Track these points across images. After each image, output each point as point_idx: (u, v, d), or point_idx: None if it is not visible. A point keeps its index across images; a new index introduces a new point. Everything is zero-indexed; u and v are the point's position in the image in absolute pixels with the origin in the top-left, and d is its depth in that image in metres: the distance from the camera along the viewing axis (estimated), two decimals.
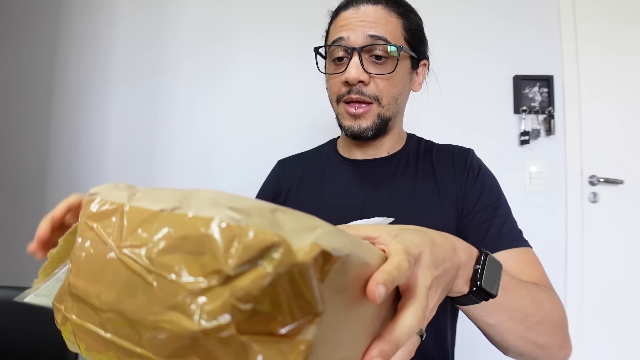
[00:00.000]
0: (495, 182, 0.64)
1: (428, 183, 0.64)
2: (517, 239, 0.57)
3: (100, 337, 0.19)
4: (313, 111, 1.37)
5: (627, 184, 1.36)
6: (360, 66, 0.58)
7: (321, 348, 0.17)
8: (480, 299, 0.36)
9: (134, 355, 0.17)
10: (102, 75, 1.41)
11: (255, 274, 0.15)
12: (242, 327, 0.15)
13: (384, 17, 0.59)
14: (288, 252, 0.15)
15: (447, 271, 0.31)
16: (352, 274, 0.19)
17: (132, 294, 0.17)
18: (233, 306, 0.15)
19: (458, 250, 0.34)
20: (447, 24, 1.40)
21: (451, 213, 0.62)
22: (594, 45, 1.39)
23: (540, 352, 0.45)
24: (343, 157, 0.72)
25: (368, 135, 0.62)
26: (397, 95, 0.62)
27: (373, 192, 0.66)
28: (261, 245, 0.15)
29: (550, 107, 1.37)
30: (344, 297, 0.19)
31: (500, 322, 0.41)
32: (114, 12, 1.42)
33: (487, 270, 0.35)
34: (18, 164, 1.40)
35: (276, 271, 0.15)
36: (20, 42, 1.42)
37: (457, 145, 0.69)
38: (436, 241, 0.31)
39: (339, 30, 0.61)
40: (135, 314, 0.17)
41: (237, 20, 1.42)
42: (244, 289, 0.15)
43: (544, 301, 0.45)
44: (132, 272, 0.18)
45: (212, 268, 0.16)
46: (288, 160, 0.78)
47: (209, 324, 0.15)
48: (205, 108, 1.40)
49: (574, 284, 1.34)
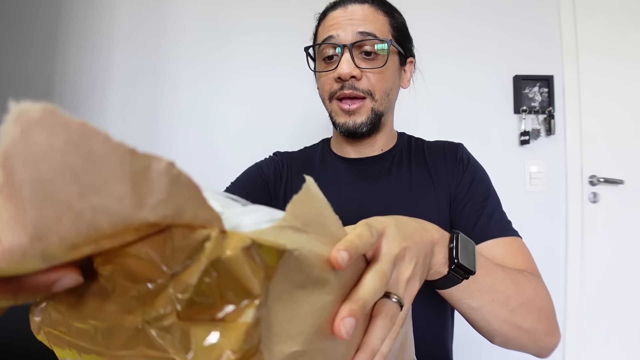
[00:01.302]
0: (484, 174, 0.66)
1: (422, 175, 0.66)
2: (506, 229, 0.58)
3: (65, 341, 0.20)
4: (314, 111, 1.37)
5: (627, 184, 1.36)
6: (351, 62, 0.59)
7: (271, 336, 0.18)
8: (460, 277, 0.37)
9: (91, 351, 0.18)
10: (101, 75, 1.41)
11: (193, 266, 0.16)
12: (183, 315, 0.16)
13: (372, 15, 0.61)
14: (218, 243, 0.16)
15: (417, 243, 0.32)
16: (312, 271, 0.20)
17: (89, 297, 0.19)
18: (172, 298, 0.16)
19: (428, 229, 0.36)
20: (447, 24, 1.40)
21: (445, 203, 0.63)
22: (594, 45, 1.39)
23: (525, 337, 0.45)
24: (337, 155, 0.72)
25: (363, 130, 0.63)
26: (388, 89, 0.63)
27: (370, 188, 0.66)
28: (188, 239, 0.16)
29: (550, 107, 1.37)
30: (308, 292, 0.20)
31: (482, 304, 0.42)
32: (114, 11, 1.42)
33: (461, 247, 0.37)
34: None
35: (208, 260, 0.16)
36: (20, 42, 1.42)
37: (446, 140, 0.71)
38: (402, 220, 0.33)
39: (328, 30, 0.62)
40: (92, 316, 0.18)
41: (237, 19, 1.42)
42: (182, 281, 0.16)
43: (525, 285, 0.46)
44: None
45: (152, 270, 0.17)
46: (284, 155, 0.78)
47: (150, 316, 0.17)
48: (205, 107, 1.40)
49: (574, 284, 1.34)
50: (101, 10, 1.42)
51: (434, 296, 0.44)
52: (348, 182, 0.68)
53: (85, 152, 0.13)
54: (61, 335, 0.20)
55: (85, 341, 0.19)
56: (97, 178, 0.14)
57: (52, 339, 0.21)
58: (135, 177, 0.14)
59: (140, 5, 1.42)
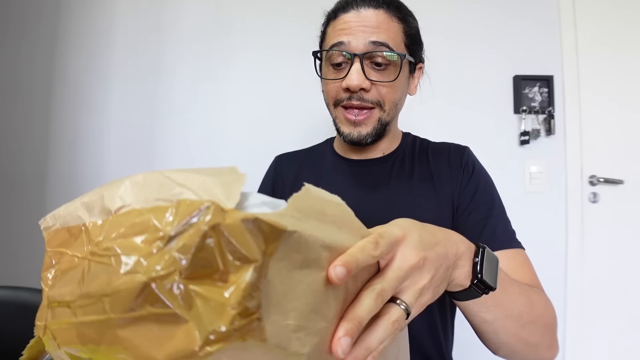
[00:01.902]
0: (489, 181, 0.64)
1: (424, 184, 0.64)
2: (511, 240, 0.57)
3: (72, 326, 0.21)
4: (314, 111, 1.37)
5: (627, 184, 1.36)
6: (361, 73, 0.56)
7: (270, 307, 0.19)
8: (480, 292, 0.36)
9: (100, 324, 0.19)
10: (101, 74, 1.41)
11: (191, 230, 0.18)
12: (185, 275, 0.18)
13: (386, 22, 0.58)
14: (217, 212, 0.18)
15: (440, 255, 0.31)
16: (310, 254, 0.22)
17: (95, 278, 0.20)
18: (175, 259, 0.18)
19: (455, 241, 0.34)
20: (447, 24, 1.40)
21: (447, 210, 0.62)
22: (593, 45, 1.39)
23: (529, 350, 0.46)
24: (340, 156, 0.72)
25: (368, 141, 0.62)
26: (397, 100, 0.62)
27: (370, 191, 0.66)
28: (192, 208, 0.19)
29: (550, 107, 1.37)
30: (305, 274, 0.22)
31: (496, 318, 0.42)
32: (113, 11, 1.42)
33: (487, 262, 0.35)
34: (18, 164, 1.40)
35: (208, 225, 0.18)
36: (20, 42, 1.42)
37: (452, 143, 0.69)
38: (428, 228, 0.32)
39: (338, 34, 0.59)
40: (99, 290, 0.20)
41: (237, 18, 1.42)
42: (183, 243, 0.18)
43: (537, 301, 0.46)
44: (95, 263, 0.21)
45: (156, 237, 0.19)
46: (284, 157, 0.78)
47: (155, 274, 0.18)
48: (204, 107, 1.40)
49: (574, 283, 1.34)
50: (101, 10, 1.42)
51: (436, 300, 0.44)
52: (349, 184, 0.68)
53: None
54: (68, 325, 0.21)
55: (93, 314, 0.20)
56: None
57: (60, 334, 0.22)
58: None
59: (141, 5, 1.42)
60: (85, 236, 0.23)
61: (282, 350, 0.20)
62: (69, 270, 0.23)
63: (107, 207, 0.23)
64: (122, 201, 0.23)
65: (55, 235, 0.26)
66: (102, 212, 0.23)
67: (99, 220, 0.23)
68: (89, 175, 1.39)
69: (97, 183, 1.37)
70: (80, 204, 0.25)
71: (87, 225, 0.24)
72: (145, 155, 1.39)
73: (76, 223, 0.25)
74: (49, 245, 0.26)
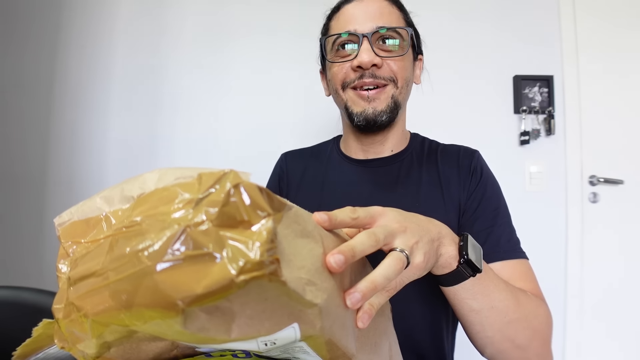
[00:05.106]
0: (497, 188, 0.63)
1: (432, 188, 0.63)
2: (515, 250, 0.57)
3: (104, 288, 0.22)
4: (314, 110, 1.37)
5: (627, 184, 1.36)
6: (371, 50, 0.57)
7: (283, 261, 0.22)
8: (468, 274, 0.40)
9: (136, 274, 0.21)
10: (102, 75, 1.41)
11: (217, 191, 0.22)
12: (215, 223, 0.21)
13: (388, 9, 0.60)
14: (236, 176, 0.22)
15: (421, 226, 0.36)
16: (307, 226, 0.26)
17: (127, 243, 0.22)
18: (206, 211, 0.21)
19: (438, 224, 0.39)
20: (447, 24, 1.40)
21: (453, 216, 0.61)
22: (594, 45, 1.39)
23: (516, 353, 0.46)
24: (346, 155, 0.70)
25: (383, 119, 0.60)
26: (408, 79, 0.62)
27: (375, 194, 0.64)
28: (214, 177, 0.22)
29: (550, 107, 1.37)
30: (306, 242, 0.25)
31: (482, 308, 0.44)
32: (115, 12, 1.42)
33: (471, 246, 0.39)
34: (19, 164, 1.40)
35: (231, 184, 0.21)
36: (22, 43, 1.42)
37: (462, 145, 0.68)
38: (407, 212, 0.37)
39: (343, 24, 0.60)
40: (133, 249, 0.21)
41: (237, 18, 1.42)
42: (211, 199, 0.21)
43: (525, 302, 0.47)
44: (124, 234, 0.23)
45: (186, 200, 0.22)
46: (290, 154, 0.77)
47: (190, 222, 0.21)
48: (205, 108, 1.40)
49: (574, 284, 1.34)
50: (101, 10, 1.42)
51: (437, 299, 0.45)
52: (354, 185, 0.67)
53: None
54: (100, 288, 0.22)
55: (128, 270, 0.21)
56: None
57: (89, 301, 0.23)
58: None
59: (141, 5, 1.42)
60: (105, 223, 0.25)
61: (299, 297, 0.23)
62: (90, 252, 0.24)
63: (128, 195, 0.25)
64: (142, 189, 0.25)
65: (70, 228, 0.27)
66: (122, 201, 0.25)
67: (120, 207, 0.25)
68: (89, 175, 1.39)
69: (97, 183, 1.38)
70: (99, 198, 0.27)
71: (107, 213, 0.26)
72: (146, 155, 1.39)
73: (95, 214, 0.26)
74: (63, 239, 0.27)
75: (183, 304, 0.19)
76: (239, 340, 0.23)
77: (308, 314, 0.24)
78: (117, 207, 0.25)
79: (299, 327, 0.24)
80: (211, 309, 0.20)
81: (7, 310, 0.65)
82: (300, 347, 0.27)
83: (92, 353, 0.25)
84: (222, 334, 0.22)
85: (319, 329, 0.25)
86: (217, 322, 0.21)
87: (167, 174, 0.25)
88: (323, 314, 0.24)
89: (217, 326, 0.21)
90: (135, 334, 0.24)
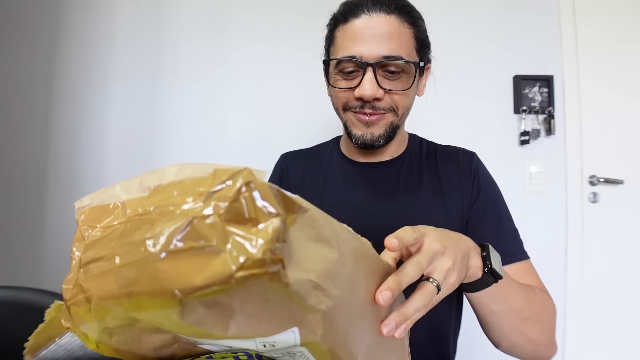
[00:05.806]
0: (497, 191, 0.65)
1: (432, 187, 0.64)
2: (520, 253, 0.60)
3: (110, 272, 0.22)
4: (315, 110, 1.37)
5: (627, 184, 1.36)
6: (375, 82, 0.55)
7: (291, 263, 0.22)
8: (491, 281, 0.43)
9: (140, 262, 0.21)
10: (101, 75, 1.41)
11: (229, 187, 0.22)
12: (223, 217, 0.21)
13: (398, 30, 0.56)
14: (250, 174, 0.22)
15: (455, 244, 0.39)
16: (323, 231, 0.25)
17: (136, 230, 0.23)
18: (215, 205, 0.21)
19: (464, 238, 0.42)
20: (447, 24, 1.40)
21: (455, 218, 0.62)
22: (594, 45, 1.39)
23: (528, 346, 0.51)
24: (346, 157, 0.71)
25: (380, 143, 0.61)
26: (409, 105, 0.62)
27: (376, 197, 0.65)
28: (228, 173, 0.22)
29: (550, 107, 1.37)
30: (320, 247, 0.25)
31: (501, 309, 0.48)
32: (113, 11, 1.42)
33: (493, 256, 0.42)
34: (18, 164, 1.40)
35: (243, 181, 0.21)
36: (20, 43, 1.42)
37: (460, 147, 0.68)
38: (441, 229, 0.40)
39: (350, 43, 0.57)
40: (141, 236, 0.22)
41: (237, 17, 1.42)
42: (222, 194, 0.21)
43: (535, 300, 0.51)
44: (136, 221, 0.23)
45: (198, 193, 0.22)
46: (291, 155, 0.77)
47: (197, 213, 0.21)
48: (205, 107, 1.40)
49: (574, 283, 1.34)
50: (101, 10, 1.42)
51: (442, 310, 0.49)
52: (354, 187, 0.67)
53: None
54: (106, 272, 0.22)
55: (135, 256, 0.21)
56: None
57: (95, 284, 0.23)
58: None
59: (141, 5, 1.42)
60: (121, 210, 0.26)
61: (301, 301, 0.22)
62: (104, 236, 0.25)
63: (145, 186, 0.26)
64: (160, 181, 0.26)
65: (90, 212, 0.28)
66: (140, 191, 0.26)
67: (137, 196, 0.26)
68: (89, 175, 1.39)
69: (97, 183, 1.37)
70: (119, 186, 0.28)
71: (124, 202, 0.27)
72: (146, 155, 1.39)
73: (113, 201, 0.27)
74: (81, 222, 0.28)
75: (181, 295, 0.19)
76: (236, 338, 0.23)
77: (310, 319, 0.24)
78: (134, 196, 0.26)
79: (299, 331, 0.24)
80: (210, 302, 0.20)
81: (7, 310, 0.65)
82: (301, 353, 0.26)
83: (94, 337, 0.25)
84: (219, 330, 0.22)
85: (320, 336, 0.25)
86: (215, 317, 0.21)
87: (186, 168, 0.26)
88: (326, 320, 0.24)
89: (215, 321, 0.21)
90: (136, 322, 0.24)
